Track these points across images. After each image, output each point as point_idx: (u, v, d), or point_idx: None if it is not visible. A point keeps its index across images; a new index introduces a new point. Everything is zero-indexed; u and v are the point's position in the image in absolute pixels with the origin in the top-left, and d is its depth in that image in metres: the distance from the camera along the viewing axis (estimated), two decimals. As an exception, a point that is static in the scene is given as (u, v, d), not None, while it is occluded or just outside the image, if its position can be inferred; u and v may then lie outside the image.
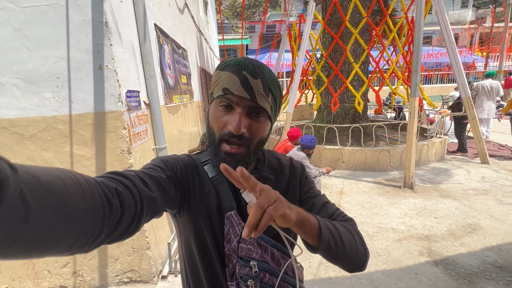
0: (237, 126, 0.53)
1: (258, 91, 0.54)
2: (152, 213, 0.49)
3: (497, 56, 15.90)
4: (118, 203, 0.40)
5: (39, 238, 0.28)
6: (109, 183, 0.42)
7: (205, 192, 0.61)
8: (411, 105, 3.69)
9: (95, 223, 0.35)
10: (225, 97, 0.55)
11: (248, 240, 0.58)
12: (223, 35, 10.35)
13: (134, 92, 1.99)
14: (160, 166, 0.57)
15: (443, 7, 4.61)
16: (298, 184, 0.71)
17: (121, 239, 0.44)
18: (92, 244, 0.37)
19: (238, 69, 0.54)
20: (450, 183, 3.96)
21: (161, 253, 2.29)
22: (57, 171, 0.32)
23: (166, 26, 3.04)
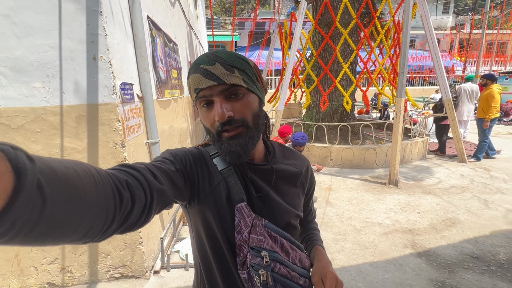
0: (220, 114, 0.55)
1: (221, 73, 0.55)
2: (162, 205, 0.51)
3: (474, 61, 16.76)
4: (129, 195, 0.41)
5: (55, 227, 0.29)
6: (120, 175, 0.43)
7: (215, 184, 0.62)
8: (397, 105, 3.83)
9: (107, 213, 0.36)
10: (199, 96, 0.56)
11: (259, 231, 0.60)
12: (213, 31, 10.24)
13: (128, 85, 1.95)
14: (169, 158, 0.58)
15: (428, 12, 4.81)
16: (308, 185, 0.77)
17: (132, 229, 0.45)
18: (104, 233, 0.38)
19: (197, 67, 0.56)
20: (432, 181, 4.17)
21: (153, 248, 2.27)
22: (71, 163, 0.33)
23: (158, 19, 2.98)
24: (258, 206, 0.64)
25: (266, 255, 0.59)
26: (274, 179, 0.67)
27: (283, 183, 0.69)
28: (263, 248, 0.59)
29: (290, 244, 0.64)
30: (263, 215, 0.63)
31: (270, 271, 0.59)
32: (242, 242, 0.60)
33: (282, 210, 0.66)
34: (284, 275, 0.60)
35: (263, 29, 17.27)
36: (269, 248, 0.60)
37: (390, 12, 5.36)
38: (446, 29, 20.50)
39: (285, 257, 0.62)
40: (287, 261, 0.62)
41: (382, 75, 5.72)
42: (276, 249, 0.61)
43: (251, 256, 0.59)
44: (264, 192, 0.65)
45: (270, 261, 0.59)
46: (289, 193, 0.70)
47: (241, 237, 0.60)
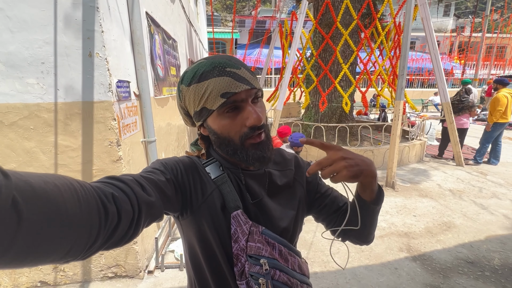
0: (257, 117, 0.54)
1: (249, 77, 0.55)
2: (151, 218, 0.48)
3: (473, 64, 16.82)
4: (115, 209, 0.39)
5: (33, 247, 0.27)
6: (106, 188, 0.41)
7: (208, 193, 0.59)
8: (396, 108, 3.83)
9: (90, 230, 0.34)
10: (229, 101, 0.53)
11: (257, 238, 0.58)
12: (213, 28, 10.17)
13: (125, 82, 1.92)
14: (159, 169, 0.56)
15: (429, 14, 4.80)
16: (306, 180, 0.73)
17: (119, 245, 0.42)
18: (88, 251, 0.36)
19: (220, 69, 0.53)
20: (428, 184, 4.18)
21: (147, 248, 2.26)
22: (51, 178, 0.31)
23: (157, 15, 2.94)
24: (254, 213, 0.62)
25: (265, 262, 0.57)
26: (268, 184, 0.65)
27: (277, 187, 0.67)
28: (262, 255, 0.58)
29: (288, 250, 0.62)
30: (260, 222, 0.61)
31: (270, 279, 0.57)
32: (239, 251, 0.58)
33: (278, 215, 0.64)
34: (285, 282, 0.59)
35: (264, 27, 17.19)
36: (268, 255, 0.58)
37: (391, 13, 5.34)
38: (446, 31, 20.53)
39: (284, 264, 0.61)
40: (287, 267, 0.60)
41: (381, 76, 5.71)
42: (275, 256, 0.60)
43: (249, 265, 0.57)
44: (259, 197, 0.63)
45: (269, 268, 0.57)
46: (284, 196, 0.68)
47: (238, 246, 0.58)
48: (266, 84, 13.72)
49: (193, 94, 0.55)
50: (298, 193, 0.70)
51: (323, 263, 2.36)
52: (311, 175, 0.56)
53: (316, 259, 2.41)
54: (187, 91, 0.56)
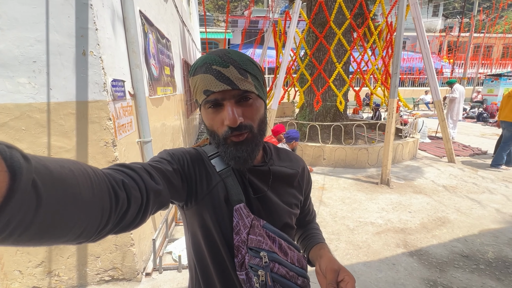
0: (232, 119, 0.53)
1: (235, 78, 0.53)
2: (158, 205, 0.50)
3: (462, 63, 17.21)
4: (125, 195, 0.41)
5: (50, 227, 0.28)
6: (116, 175, 0.42)
7: (213, 185, 0.61)
8: (390, 106, 3.88)
9: (102, 213, 0.36)
10: (209, 99, 0.54)
11: (258, 232, 0.60)
12: (206, 28, 10.12)
13: (120, 82, 1.88)
14: (166, 159, 0.57)
15: (420, 14, 4.87)
16: (305, 185, 0.76)
17: (128, 229, 0.44)
18: (100, 234, 0.38)
19: (208, 67, 0.53)
20: (422, 180, 4.24)
21: (145, 250, 2.22)
22: (67, 162, 0.32)
23: (151, 14, 2.90)
24: (256, 207, 0.63)
25: (265, 255, 0.58)
26: (271, 180, 0.67)
27: (280, 184, 0.69)
28: (262, 248, 0.59)
29: (288, 244, 0.64)
30: (261, 216, 0.63)
31: (269, 272, 0.58)
32: (240, 243, 0.59)
33: (279, 211, 0.66)
34: (283, 275, 0.60)
35: (257, 27, 17.20)
36: (268, 248, 0.60)
37: (383, 13, 5.41)
38: (436, 31, 20.95)
39: (283, 257, 0.62)
40: (285, 261, 0.62)
41: (374, 75, 5.78)
42: (275, 250, 0.61)
43: (249, 257, 0.59)
44: (262, 193, 0.64)
45: (269, 261, 0.59)
46: (286, 193, 0.69)
47: (239, 238, 0.59)
48: (260, 84, 13.69)
49: (191, 85, 0.58)
50: (297, 194, 0.73)
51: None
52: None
53: (314, 257, 2.42)
54: (190, 81, 0.59)
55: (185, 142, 4.99)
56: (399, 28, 3.59)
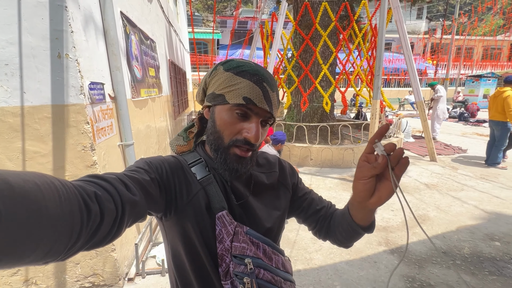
0: (255, 136, 0.55)
1: (274, 104, 0.58)
2: (134, 217, 0.48)
3: (445, 64, 17.78)
4: (98, 208, 0.39)
5: (11, 247, 0.26)
6: (88, 187, 0.40)
7: (193, 194, 0.59)
8: (373, 106, 3.97)
9: (72, 229, 0.33)
10: (246, 107, 0.55)
11: (241, 239, 0.59)
12: (193, 28, 10.04)
13: (98, 84, 1.85)
14: (144, 168, 0.55)
15: (402, 17, 5.01)
16: (290, 182, 0.75)
17: (101, 245, 0.42)
18: (69, 251, 0.35)
19: (259, 80, 0.56)
20: (405, 179, 4.36)
21: (127, 255, 2.19)
22: (31, 176, 0.30)
23: (133, 15, 2.86)
24: (239, 214, 0.63)
25: (250, 262, 0.58)
26: (253, 185, 0.67)
27: (262, 188, 0.69)
28: (246, 255, 0.58)
29: (271, 249, 0.64)
30: (244, 222, 0.62)
31: (255, 278, 0.58)
32: (224, 252, 0.58)
33: (262, 216, 0.66)
34: (269, 280, 0.60)
35: (246, 28, 17.20)
36: (253, 254, 0.59)
37: (367, 16, 5.53)
38: (420, 33, 21.56)
39: (268, 263, 0.62)
40: (270, 266, 0.62)
41: (360, 76, 5.90)
42: (259, 255, 0.61)
43: (234, 264, 0.58)
44: (244, 199, 0.64)
45: (254, 267, 0.58)
46: (268, 197, 0.69)
47: (223, 247, 0.58)
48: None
49: (225, 79, 0.57)
50: (282, 194, 0.72)
51: (306, 260, 2.40)
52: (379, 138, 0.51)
53: (299, 257, 2.45)
54: (222, 73, 0.57)
55: (172, 144, 4.94)
56: (380, 31, 3.68)
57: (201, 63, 15.73)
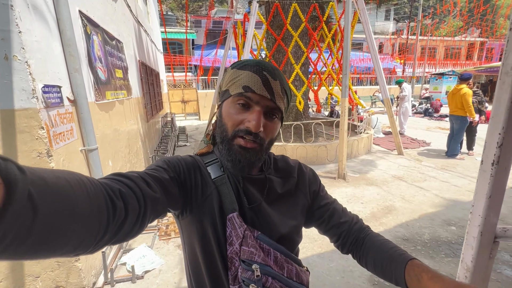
0: (256, 124, 0.55)
1: (277, 92, 0.57)
2: (156, 214, 0.50)
3: (411, 63, 18.85)
4: (122, 205, 0.40)
5: (46, 239, 0.28)
6: (113, 184, 0.42)
7: (208, 194, 0.60)
8: (342, 104, 4.13)
9: (100, 224, 0.35)
10: (245, 95, 0.55)
11: (250, 243, 0.58)
12: (165, 27, 9.79)
13: (54, 87, 1.76)
14: (163, 167, 0.57)
15: (367, 19, 5.26)
16: (309, 190, 0.71)
17: (126, 239, 0.44)
18: (97, 244, 0.37)
19: (259, 69, 0.56)
20: (375, 172, 4.59)
21: (94, 264, 2.10)
22: (63, 173, 0.32)
23: (95, 14, 2.75)
24: (250, 217, 0.61)
25: (257, 268, 0.56)
26: (267, 190, 0.65)
27: (277, 194, 0.67)
28: (254, 261, 0.57)
29: (284, 257, 0.61)
30: (255, 227, 0.61)
31: (262, 286, 0.56)
32: (233, 255, 0.58)
33: (275, 222, 0.63)
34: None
35: (221, 28, 17.09)
36: (261, 261, 0.57)
37: (336, 17, 5.73)
38: (388, 34, 22.69)
39: (279, 271, 0.59)
40: (280, 275, 0.59)
41: (331, 76, 6.10)
42: (269, 263, 0.58)
43: (242, 269, 0.57)
44: (257, 202, 0.63)
45: (261, 275, 0.56)
46: (284, 203, 0.67)
47: (232, 249, 0.58)
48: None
49: (230, 75, 0.59)
50: (299, 202, 0.69)
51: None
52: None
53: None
54: (229, 71, 0.60)
55: (144, 148, 4.80)
56: (346, 32, 3.84)
57: (176, 64, 15.39)
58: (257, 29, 5.47)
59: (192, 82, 14.03)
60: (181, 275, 2.21)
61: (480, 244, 0.91)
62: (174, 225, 2.97)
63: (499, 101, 0.80)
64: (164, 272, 2.25)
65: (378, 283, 2.08)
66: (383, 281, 2.10)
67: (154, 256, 2.39)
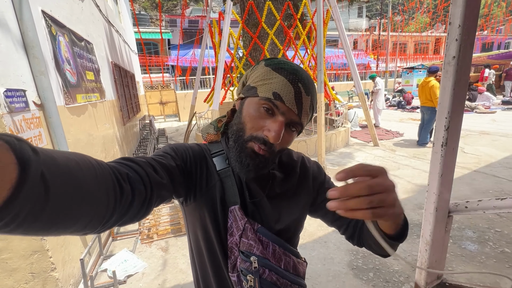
0: (276, 136, 0.52)
1: (305, 109, 0.55)
2: (161, 199, 0.50)
3: (384, 58, 19.67)
4: (129, 188, 0.42)
5: (57, 217, 0.30)
6: (121, 168, 0.43)
7: (212, 184, 0.61)
8: (318, 100, 4.25)
9: (107, 205, 0.36)
10: (273, 102, 0.53)
11: (250, 236, 0.59)
12: (139, 27, 9.51)
13: (18, 91, 1.68)
14: (170, 154, 0.58)
15: (339, 16, 5.43)
16: (313, 184, 0.70)
17: (132, 221, 0.45)
18: (105, 225, 0.38)
19: (295, 79, 0.53)
20: (352, 164, 4.75)
21: (72, 272, 2.04)
22: (73, 155, 0.33)
23: (60, 14, 2.63)
24: (251, 211, 0.62)
25: (255, 260, 0.58)
26: (270, 185, 0.65)
27: (280, 190, 0.67)
28: (252, 253, 0.59)
29: (283, 250, 0.62)
30: (256, 220, 0.62)
31: (258, 277, 0.58)
32: (233, 245, 0.60)
33: (275, 217, 0.64)
34: (273, 282, 0.60)
35: (197, 27, 16.85)
36: (259, 253, 0.59)
37: (309, 14, 5.86)
38: (362, 31, 23.50)
39: (276, 264, 0.61)
40: (277, 267, 0.61)
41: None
42: (267, 255, 0.60)
43: (241, 260, 0.59)
44: (259, 197, 0.63)
45: (259, 267, 0.58)
46: (286, 199, 0.67)
47: (233, 240, 0.60)
48: (204, 85, 13.53)
49: (262, 73, 0.56)
50: (302, 197, 0.69)
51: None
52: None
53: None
54: (262, 67, 0.57)
55: (122, 151, 4.66)
56: (318, 29, 3.95)
57: (152, 65, 14.97)
58: (233, 27, 5.47)
59: (170, 83, 13.73)
60: (165, 277, 2.20)
61: (436, 219, 1.01)
62: (156, 228, 2.93)
63: (444, 88, 0.89)
64: (147, 275, 2.23)
65: (356, 267, 2.19)
66: (361, 265, 2.22)
67: (136, 260, 2.35)
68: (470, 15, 0.82)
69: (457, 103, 0.88)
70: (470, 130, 6.50)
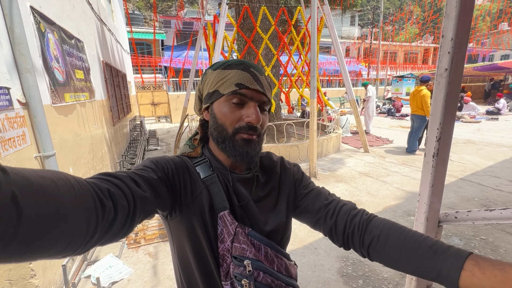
0: (256, 118, 0.58)
1: (265, 86, 0.61)
2: (144, 214, 0.49)
3: (375, 66, 20.11)
4: (111, 204, 0.40)
5: (33, 241, 0.28)
6: (101, 184, 0.41)
7: (197, 193, 0.60)
8: (311, 105, 4.29)
9: (88, 224, 0.35)
10: (239, 92, 0.57)
11: (242, 239, 0.59)
12: (131, 27, 9.40)
13: (2, 89, 1.61)
14: (150, 167, 0.56)
15: (333, 24, 5.53)
16: (293, 179, 0.72)
17: (115, 239, 0.43)
18: (86, 245, 0.36)
19: (245, 67, 0.59)
20: (343, 170, 4.82)
21: (54, 279, 1.95)
22: (48, 173, 0.32)
23: (50, 11, 2.56)
24: (240, 215, 0.63)
25: (249, 263, 0.58)
26: (254, 187, 0.67)
27: (263, 191, 0.68)
28: (246, 257, 0.58)
29: (274, 252, 0.63)
30: (246, 224, 0.63)
31: (253, 281, 0.58)
32: (225, 252, 0.59)
33: (263, 219, 0.65)
34: (268, 284, 0.60)
35: (191, 29, 16.80)
36: (252, 256, 0.59)
37: (303, 21, 5.94)
38: (354, 38, 24.00)
39: (269, 266, 0.61)
40: (271, 269, 0.61)
41: (301, 78, 6.30)
42: (260, 258, 0.60)
43: (234, 265, 0.59)
44: (246, 200, 0.64)
45: (253, 270, 0.58)
46: (271, 199, 0.69)
47: (224, 247, 0.59)
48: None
49: (214, 76, 0.60)
50: (285, 195, 0.70)
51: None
52: None
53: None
54: (211, 74, 0.61)
55: (111, 153, 4.55)
56: (312, 36, 4.00)
57: (144, 65, 14.79)
58: (228, 31, 5.48)
59: (162, 84, 13.59)
60: (152, 283, 2.14)
61: (426, 229, 1.01)
62: (143, 232, 2.86)
63: (436, 100, 0.90)
64: (133, 282, 2.16)
65: (346, 274, 2.19)
66: (351, 272, 2.22)
67: (122, 266, 2.27)
68: (462, 28, 0.83)
69: (449, 114, 0.89)
70: (456, 138, 6.69)
